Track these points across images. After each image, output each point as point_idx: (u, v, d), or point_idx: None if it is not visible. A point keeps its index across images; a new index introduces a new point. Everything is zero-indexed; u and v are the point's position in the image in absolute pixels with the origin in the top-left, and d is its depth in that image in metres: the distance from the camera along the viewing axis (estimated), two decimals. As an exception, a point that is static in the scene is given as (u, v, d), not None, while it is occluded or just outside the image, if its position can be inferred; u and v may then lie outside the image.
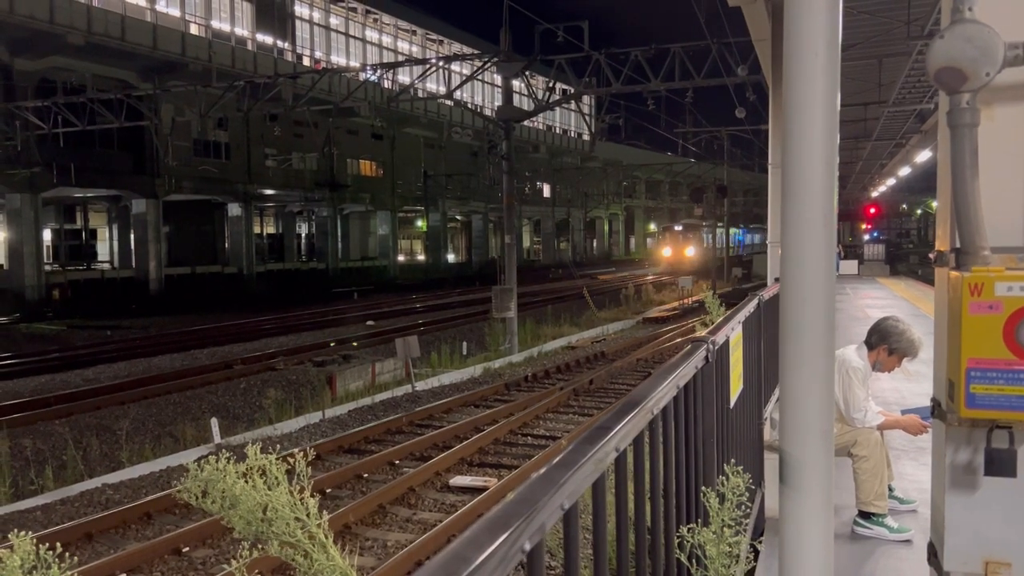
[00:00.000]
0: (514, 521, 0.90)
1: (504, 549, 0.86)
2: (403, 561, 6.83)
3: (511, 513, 0.93)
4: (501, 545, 0.85)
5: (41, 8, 30.61)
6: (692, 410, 2.15)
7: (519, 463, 9.96)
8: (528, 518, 0.93)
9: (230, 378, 16.84)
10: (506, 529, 0.87)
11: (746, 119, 28.01)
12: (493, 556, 0.82)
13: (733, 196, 56.92)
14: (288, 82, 27.88)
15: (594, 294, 32.62)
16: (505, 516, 0.92)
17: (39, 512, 8.60)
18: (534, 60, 22.22)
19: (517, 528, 0.90)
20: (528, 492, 1.02)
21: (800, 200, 1.47)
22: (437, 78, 35.49)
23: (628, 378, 16.00)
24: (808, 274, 1.47)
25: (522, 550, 0.91)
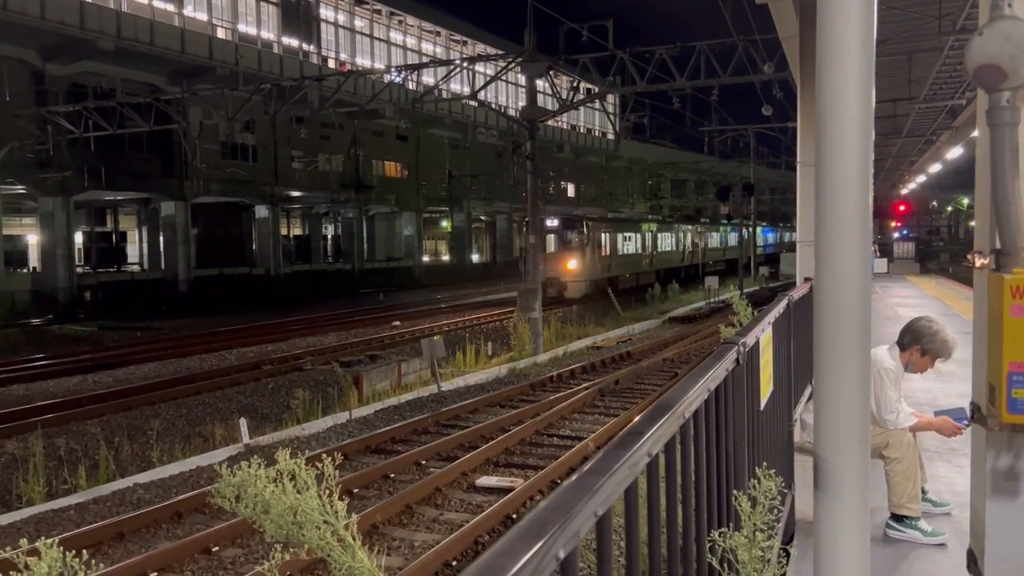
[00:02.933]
0: (548, 529, 0.89)
1: (538, 558, 0.85)
2: (430, 561, 6.84)
3: (545, 521, 0.92)
4: (536, 554, 0.84)
5: (72, 14, 31.06)
6: (723, 413, 2.13)
7: (545, 464, 9.94)
8: (562, 526, 0.92)
9: (258, 378, 16.99)
10: (540, 537, 0.86)
11: (772, 117, 27.76)
12: (528, 565, 0.81)
13: (759, 194, 56.23)
14: (314, 84, 28.06)
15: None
16: (539, 524, 0.91)
17: (72, 511, 8.72)
18: (558, 60, 22.18)
19: (551, 536, 0.88)
20: (561, 499, 1.01)
21: (835, 199, 1.45)
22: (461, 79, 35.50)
23: (654, 378, 15.93)
24: (843, 274, 1.44)
25: (556, 558, 0.90)
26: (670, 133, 43.54)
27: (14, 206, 35.57)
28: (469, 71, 24.62)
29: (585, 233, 34.75)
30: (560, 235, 34.70)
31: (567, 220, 35.40)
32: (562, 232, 34.76)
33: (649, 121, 32.76)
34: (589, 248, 34.77)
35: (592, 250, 35.08)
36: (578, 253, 34.36)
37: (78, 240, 38.74)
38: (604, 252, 36.63)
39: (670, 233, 47.66)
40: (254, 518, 3.21)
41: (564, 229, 34.86)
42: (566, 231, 34.89)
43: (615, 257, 38.28)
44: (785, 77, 18.99)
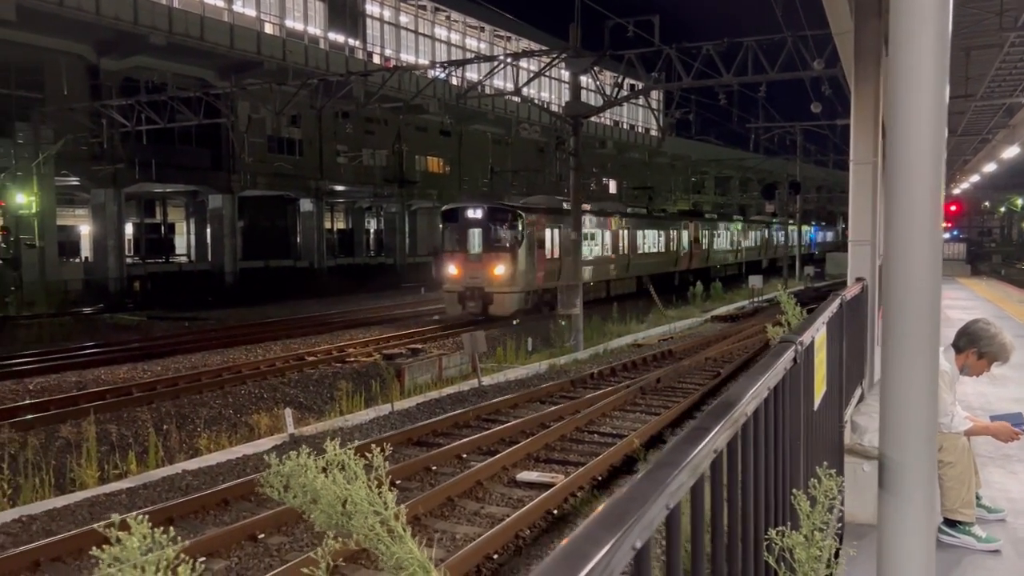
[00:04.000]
0: (627, 519, 0.90)
1: (618, 547, 0.86)
2: (472, 554, 6.89)
3: (623, 511, 0.93)
4: (616, 542, 0.85)
5: (125, 9, 31.74)
6: (781, 412, 2.12)
7: (586, 460, 9.94)
8: (639, 516, 0.93)
9: (302, 369, 17.23)
10: (621, 526, 0.88)
11: (821, 114, 27.30)
12: (609, 553, 0.82)
13: (805, 192, 55.12)
14: (359, 80, 28.32)
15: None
16: (618, 514, 0.92)
17: (124, 496, 8.94)
18: (603, 55, 22.08)
19: (630, 526, 0.90)
20: (637, 491, 1.02)
21: (906, 198, 1.43)
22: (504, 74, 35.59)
23: (696, 377, 15.81)
24: (913, 274, 1.43)
25: (632, 547, 0.91)
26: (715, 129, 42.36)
27: (68, 197, 36.48)
28: (513, 67, 24.59)
29: (520, 229, 26.15)
30: (486, 231, 26.53)
31: (494, 211, 26.92)
32: (488, 226, 26.47)
33: (694, 117, 32.42)
34: (525, 248, 26.16)
35: (530, 251, 26.47)
36: (510, 255, 25.80)
37: (128, 231, 39.59)
38: (551, 253, 27.91)
39: (658, 230, 39.23)
40: (303, 508, 3.27)
41: (490, 223, 26.41)
42: (493, 225, 26.46)
43: (570, 260, 28.60)
44: (835, 74, 18.67)
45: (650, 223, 38.34)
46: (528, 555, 7.19)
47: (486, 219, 26.61)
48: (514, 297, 25.81)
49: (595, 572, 0.79)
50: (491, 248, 26.18)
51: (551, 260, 27.91)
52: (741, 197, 76.48)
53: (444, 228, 27.35)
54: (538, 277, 27.08)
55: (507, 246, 26.12)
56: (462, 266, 25.98)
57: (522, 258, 26.05)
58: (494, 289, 25.52)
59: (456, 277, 26.13)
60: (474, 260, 26.05)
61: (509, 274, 25.68)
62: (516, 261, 25.81)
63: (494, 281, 25.58)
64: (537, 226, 27.25)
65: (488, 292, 25.51)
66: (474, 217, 26.72)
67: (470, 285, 25.76)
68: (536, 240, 26.93)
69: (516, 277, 25.80)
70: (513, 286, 25.71)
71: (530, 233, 26.59)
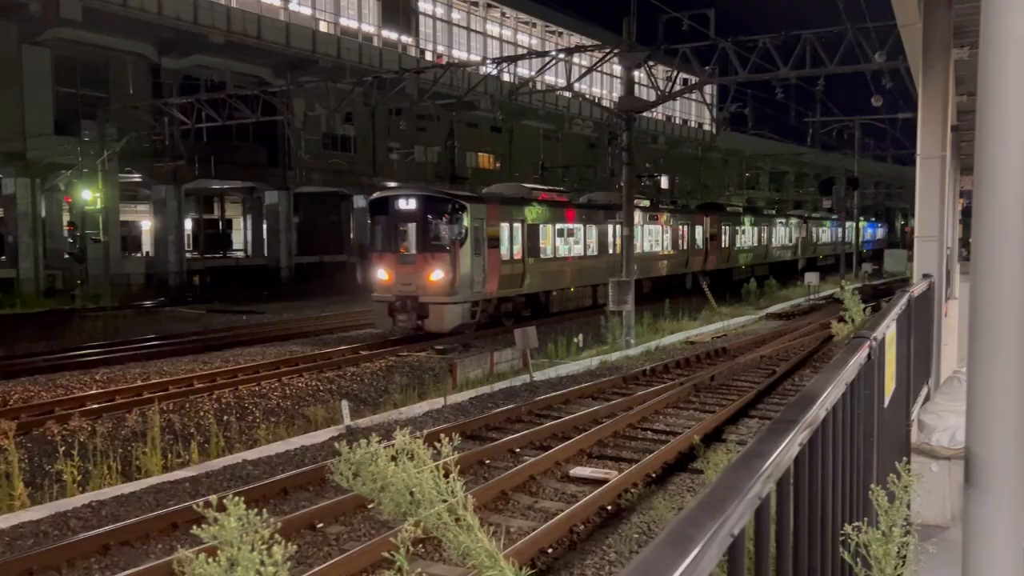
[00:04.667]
0: (727, 506, 0.92)
1: (719, 533, 0.87)
2: (527, 547, 6.92)
3: (723, 497, 0.95)
4: (718, 528, 0.86)
5: (186, 9, 32.54)
6: (856, 408, 2.10)
7: (639, 457, 9.90)
8: (738, 502, 0.94)
9: (358, 363, 17.48)
10: (722, 512, 0.89)
11: (882, 107, 26.67)
12: (712, 539, 0.84)
13: (864, 188, 53.82)
14: (412, 77, 28.56)
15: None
16: (718, 500, 0.93)
17: (187, 483, 9.19)
18: (657, 50, 21.91)
19: (729, 513, 0.91)
20: (733, 478, 1.03)
21: (995, 194, 1.41)
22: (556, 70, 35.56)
23: (752, 375, 15.61)
24: (1003, 267, 1.41)
25: (731, 534, 0.93)
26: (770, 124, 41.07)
27: (131, 193, 37.57)
28: (565, 62, 24.57)
29: (464, 223, 21.25)
30: (420, 225, 21.45)
31: (430, 200, 21.79)
32: (423, 220, 21.44)
33: (749, 111, 31.93)
34: (471, 247, 21.32)
35: (478, 251, 21.63)
36: (450, 256, 20.95)
37: (188, 227, 40.60)
38: (511, 254, 23.33)
39: (665, 226, 33.76)
40: (372, 495, 3.33)
41: (426, 215, 21.44)
42: (429, 218, 21.44)
43: (537, 263, 24.56)
44: (897, 66, 18.24)
45: (651, 217, 32.47)
46: (583, 550, 7.20)
47: (420, 211, 21.45)
48: (454, 309, 20.79)
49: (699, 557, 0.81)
50: (426, 247, 21.16)
51: (510, 262, 23.06)
52: (797, 193, 75.17)
53: (373, 222, 22.55)
54: (490, 283, 22.01)
55: (446, 245, 21.07)
56: (393, 270, 21.18)
57: (466, 260, 21.04)
58: (430, 298, 20.68)
59: (386, 283, 21.23)
60: (406, 263, 21.17)
61: (448, 280, 20.72)
62: (457, 264, 20.81)
63: (429, 289, 20.74)
64: (490, 220, 22.13)
65: (423, 302, 20.70)
66: (406, 208, 21.53)
67: (402, 294, 20.87)
68: (488, 237, 21.91)
69: (457, 284, 20.79)
70: (453, 295, 20.75)
71: (477, 228, 21.47)
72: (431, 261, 20.91)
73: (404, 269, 21.09)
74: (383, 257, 21.61)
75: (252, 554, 1.83)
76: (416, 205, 21.54)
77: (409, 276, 20.95)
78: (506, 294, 23.10)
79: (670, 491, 8.73)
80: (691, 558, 0.78)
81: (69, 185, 31.42)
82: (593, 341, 21.11)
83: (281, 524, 7.29)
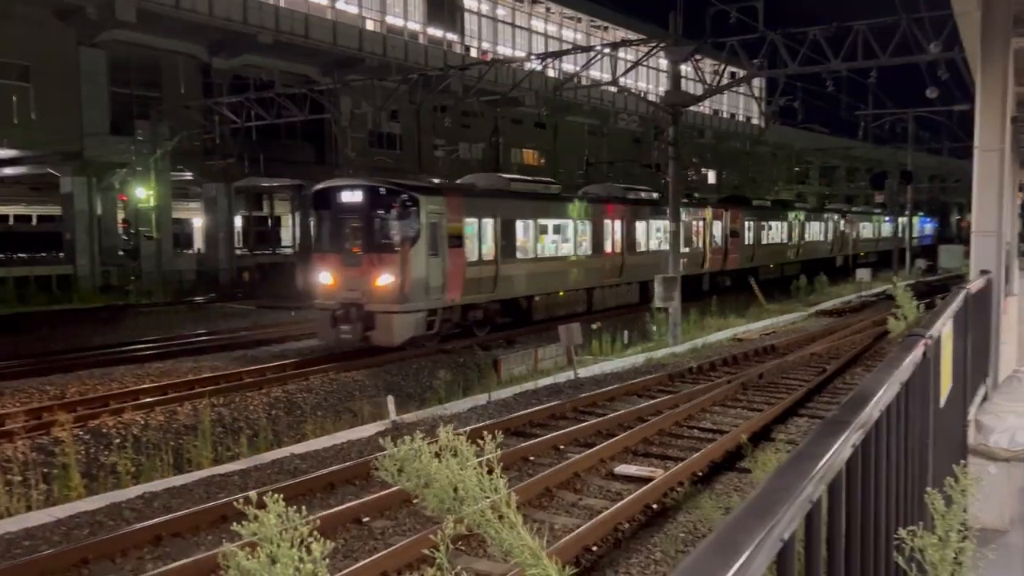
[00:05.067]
0: (777, 509, 0.88)
1: (768, 536, 0.84)
2: (571, 545, 6.89)
3: (772, 501, 0.91)
4: (767, 533, 0.83)
5: (236, 10, 33.08)
6: (911, 408, 2.03)
7: (685, 455, 9.79)
8: (788, 506, 0.91)
9: (403, 359, 17.60)
10: (772, 516, 0.86)
11: (937, 99, 25.98)
12: (762, 543, 0.81)
13: (917, 182, 52.38)
14: (457, 74, 28.63)
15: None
16: (768, 503, 0.90)
17: (236, 476, 9.35)
18: (704, 43, 21.63)
19: (779, 517, 0.88)
20: (782, 481, 0.99)
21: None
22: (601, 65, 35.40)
23: (801, 373, 15.34)
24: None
25: (780, 539, 0.89)
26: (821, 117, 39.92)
27: (182, 191, 38.37)
28: (610, 57, 24.40)
29: (419, 218, 18.37)
30: (366, 221, 18.70)
31: (377, 192, 18.76)
32: (369, 215, 18.68)
33: (799, 105, 31.30)
34: (426, 246, 18.34)
35: (435, 251, 18.63)
36: (400, 256, 17.99)
37: (237, 224, 41.31)
38: (479, 255, 20.35)
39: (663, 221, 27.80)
40: (416, 491, 3.33)
41: (373, 209, 18.65)
42: (377, 213, 18.64)
43: (514, 264, 21.64)
44: (953, 57, 17.73)
45: (640, 212, 28.41)
46: (627, 548, 7.14)
47: (366, 204, 18.65)
48: (405, 319, 17.89)
49: (747, 563, 0.78)
50: (373, 247, 18.38)
51: (479, 264, 20.20)
52: (848, 187, 73.69)
53: (317, 218, 19.85)
54: (452, 289, 19.11)
55: (395, 244, 18.25)
56: (337, 273, 18.50)
57: (419, 261, 18.12)
58: (377, 306, 17.86)
59: (330, 289, 18.52)
60: (351, 265, 18.39)
61: (397, 285, 17.84)
62: (409, 266, 17.93)
63: (377, 295, 17.92)
64: (451, 215, 19.30)
65: (369, 311, 17.92)
66: (350, 202, 18.82)
67: (346, 300, 18.13)
68: (449, 235, 19.07)
69: (409, 289, 17.90)
70: (405, 302, 17.85)
71: (435, 225, 18.62)
72: (378, 263, 18.04)
73: (349, 272, 18.34)
74: (326, 258, 18.79)
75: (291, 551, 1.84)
76: (362, 198, 18.67)
77: (354, 280, 18.22)
78: (474, 300, 20.15)
79: (717, 490, 8.62)
80: (739, 564, 0.75)
81: (124, 183, 32.22)
82: (638, 338, 20.97)
83: (324, 519, 7.36)
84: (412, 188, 18.94)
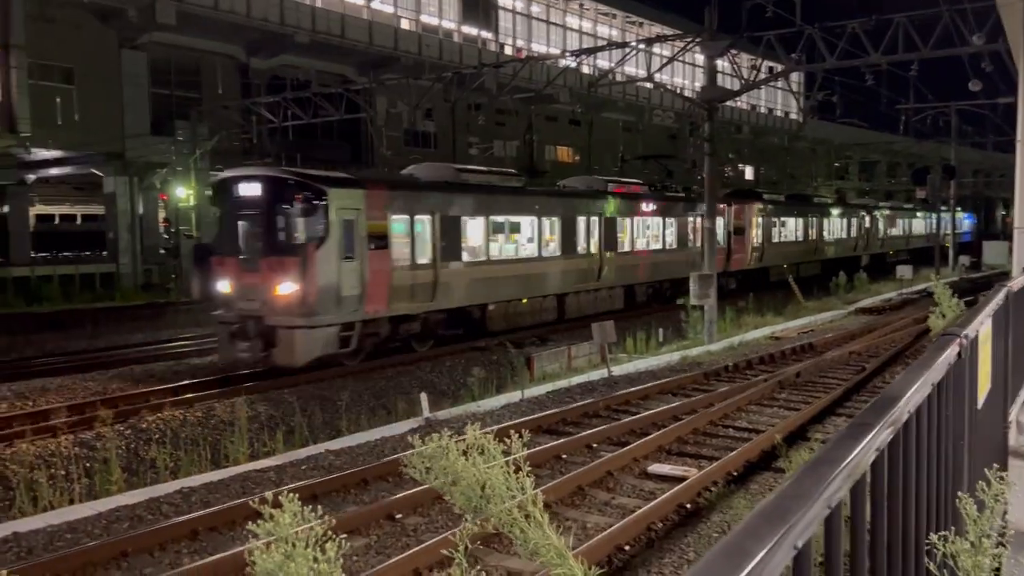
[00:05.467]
0: (789, 516, 0.86)
1: (779, 545, 0.82)
2: (603, 544, 6.86)
3: (785, 508, 0.89)
4: (778, 541, 0.81)
5: (273, 11, 33.48)
6: (944, 410, 1.97)
7: (720, 455, 9.69)
8: (802, 514, 0.88)
9: (438, 356, 17.66)
10: (783, 523, 0.84)
11: (980, 92, 25.39)
12: (773, 551, 0.79)
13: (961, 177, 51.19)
14: (492, 72, 28.65)
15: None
16: (780, 510, 0.88)
17: (272, 472, 9.45)
18: (740, 37, 21.38)
19: (792, 524, 0.85)
20: (797, 487, 0.97)
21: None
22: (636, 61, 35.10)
23: (839, 372, 15.10)
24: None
25: (794, 547, 0.87)
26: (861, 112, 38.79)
27: (222, 191, 38.86)
28: (645, 53, 24.24)
29: (327, 215, 15.69)
30: (265, 217, 16.03)
31: (279, 184, 16.19)
32: (269, 210, 16.03)
33: (838, 99, 30.76)
34: (336, 247, 15.74)
35: (348, 252, 15.98)
36: (302, 260, 15.37)
37: (275, 222, 41.69)
38: (411, 257, 17.54)
39: (663, 218, 27.24)
40: (444, 489, 3.34)
41: (273, 204, 16.03)
42: (279, 209, 16.04)
43: (461, 269, 18.96)
44: (997, 48, 17.31)
45: (627, 207, 25.24)
46: (660, 548, 7.09)
47: (265, 198, 15.97)
48: (310, 336, 15.32)
49: (756, 570, 0.76)
50: (273, 249, 15.74)
51: (411, 269, 17.39)
52: (888, 183, 72.38)
53: (220, 214, 17.37)
54: (374, 298, 16.39)
55: (296, 245, 15.63)
56: (235, 280, 15.94)
57: (328, 266, 15.48)
58: (278, 320, 15.32)
59: (228, 298, 16.06)
60: (249, 270, 15.80)
61: (299, 294, 15.26)
62: (314, 271, 15.27)
63: (277, 306, 15.39)
64: (372, 211, 16.53)
65: (270, 325, 15.35)
66: (249, 195, 16.09)
67: (245, 312, 15.61)
68: (370, 235, 16.36)
69: (314, 300, 15.28)
70: (310, 315, 15.26)
71: (350, 223, 15.95)
72: (278, 268, 15.46)
73: (247, 279, 15.76)
74: (224, 262, 16.21)
75: (306, 550, 1.85)
76: (261, 191, 15.98)
77: (253, 289, 15.63)
78: (407, 311, 17.38)
79: (752, 491, 8.52)
80: (747, 572, 0.73)
81: (164, 183, 32.79)
82: (673, 336, 20.82)
83: (357, 516, 7.41)
84: (319, 179, 16.24)
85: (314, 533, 1.95)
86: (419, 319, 17.92)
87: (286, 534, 1.88)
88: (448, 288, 18.37)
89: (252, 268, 15.73)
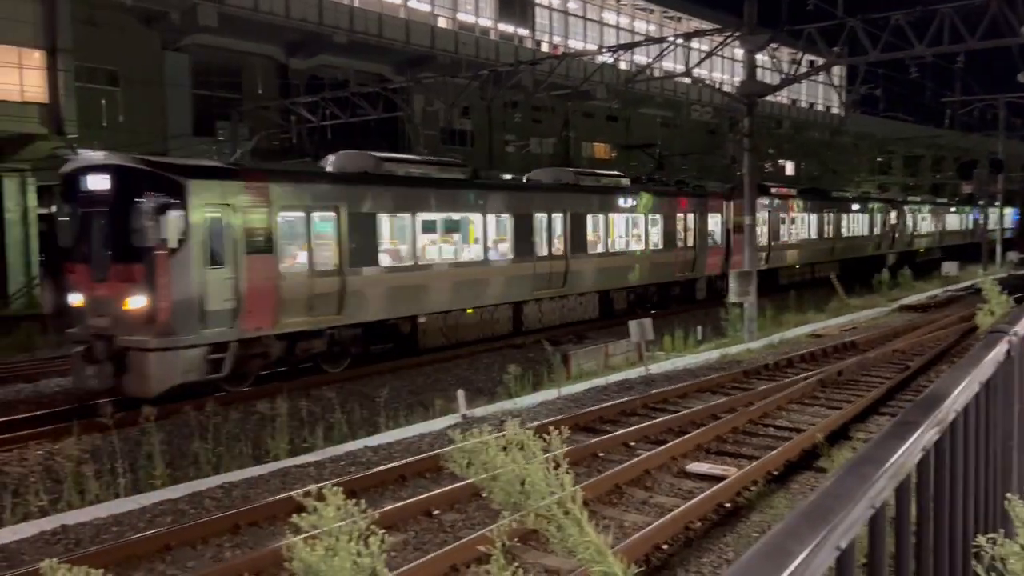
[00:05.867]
0: (832, 516, 0.84)
1: (821, 545, 0.80)
2: (640, 543, 6.83)
3: (827, 507, 0.87)
4: (820, 541, 0.79)
5: (311, 11, 33.82)
6: (992, 409, 1.92)
7: (760, 454, 9.59)
8: (845, 514, 0.86)
9: (474, 353, 17.71)
10: (825, 523, 0.82)
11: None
12: (814, 551, 0.77)
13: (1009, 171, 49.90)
14: (528, 69, 28.61)
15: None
16: (822, 510, 0.86)
17: (312, 468, 9.57)
18: (780, 31, 21.08)
19: (835, 523, 0.84)
20: (840, 487, 0.95)
21: None
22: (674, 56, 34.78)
23: (883, 370, 14.84)
24: None
25: (836, 547, 0.85)
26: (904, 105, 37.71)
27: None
28: (683, 48, 24.02)
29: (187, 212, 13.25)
30: (113, 217, 13.44)
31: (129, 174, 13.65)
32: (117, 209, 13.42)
33: (881, 93, 30.16)
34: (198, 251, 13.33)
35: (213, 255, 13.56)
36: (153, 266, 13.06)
37: (314, 221, 42.12)
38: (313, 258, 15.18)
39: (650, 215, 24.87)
40: (483, 484, 3.34)
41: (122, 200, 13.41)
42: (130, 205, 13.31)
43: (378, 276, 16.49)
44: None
45: (600, 202, 23.00)
46: (699, 547, 7.03)
47: (114, 192, 13.50)
48: (169, 359, 13.05)
49: (798, 572, 0.74)
50: (123, 254, 13.32)
51: (307, 276, 14.98)
52: (934, 177, 70.89)
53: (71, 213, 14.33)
54: (255, 313, 13.96)
55: (147, 249, 13.03)
56: (85, 291, 13.71)
57: (187, 273, 13.15)
58: (130, 340, 13.00)
59: (80, 312, 13.82)
60: (99, 279, 13.50)
61: (151, 309, 12.98)
62: (169, 279, 13.00)
63: (128, 323, 13.12)
64: (253, 208, 14.11)
65: (122, 346, 13.06)
66: (97, 189, 13.69)
67: (95, 329, 13.33)
68: (247, 237, 13.93)
69: (171, 315, 12.99)
70: (167, 334, 12.98)
71: (216, 221, 13.51)
72: (127, 277, 13.12)
73: (97, 290, 13.42)
74: (75, 270, 13.89)
75: (349, 544, 1.86)
76: (109, 184, 13.55)
77: (102, 302, 13.28)
78: (305, 326, 14.92)
79: (792, 490, 8.41)
80: (788, 572, 0.72)
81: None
82: (712, 334, 20.63)
83: (395, 512, 7.46)
84: (177, 169, 13.72)
85: (357, 527, 1.96)
86: (324, 336, 15.41)
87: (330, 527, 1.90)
88: (360, 298, 15.77)
89: (102, 277, 13.33)
